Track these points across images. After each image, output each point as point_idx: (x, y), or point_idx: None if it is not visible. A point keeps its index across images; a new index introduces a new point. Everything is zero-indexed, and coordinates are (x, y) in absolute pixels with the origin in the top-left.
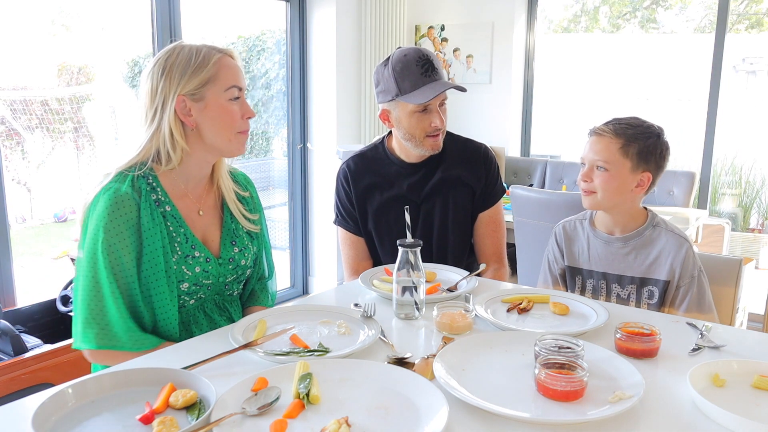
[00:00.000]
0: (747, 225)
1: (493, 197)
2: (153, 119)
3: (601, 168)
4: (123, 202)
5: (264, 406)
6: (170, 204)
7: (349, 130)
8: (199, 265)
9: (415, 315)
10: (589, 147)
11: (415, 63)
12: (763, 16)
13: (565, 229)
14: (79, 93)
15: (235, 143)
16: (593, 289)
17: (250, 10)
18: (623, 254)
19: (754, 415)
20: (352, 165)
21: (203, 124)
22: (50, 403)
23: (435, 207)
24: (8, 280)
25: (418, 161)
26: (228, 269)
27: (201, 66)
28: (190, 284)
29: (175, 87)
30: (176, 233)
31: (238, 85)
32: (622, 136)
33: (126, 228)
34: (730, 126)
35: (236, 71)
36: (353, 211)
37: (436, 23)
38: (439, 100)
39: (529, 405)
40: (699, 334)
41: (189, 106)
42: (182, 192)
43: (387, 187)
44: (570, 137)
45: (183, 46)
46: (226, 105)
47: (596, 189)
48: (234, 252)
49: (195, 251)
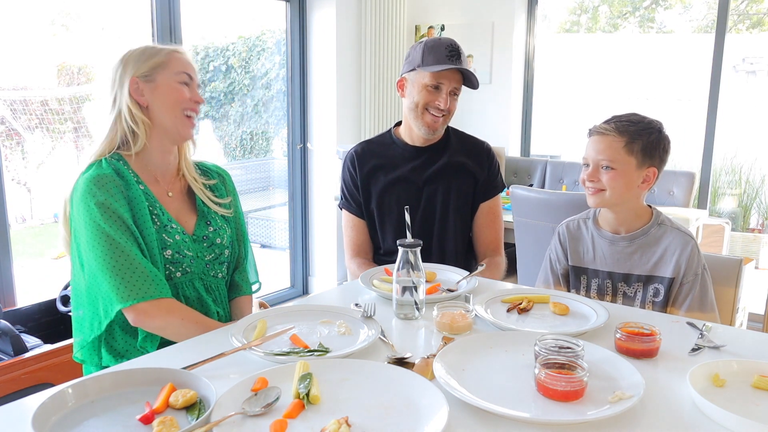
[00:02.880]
0: (747, 225)
1: (495, 188)
2: (113, 104)
3: (607, 167)
4: (105, 177)
5: (264, 406)
6: (143, 184)
7: (349, 130)
8: (178, 234)
9: (415, 315)
10: (591, 147)
11: (445, 47)
12: (763, 16)
13: (569, 228)
14: (79, 93)
15: (181, 124)
16: (598, 288)
17: (250, 10)
18: (629, 253)
19: (754, 415)
20: (359, 149)
21: (153, 103)
22: (50, 403)
23: (438, 191)
24: (8, 280)
25: (423, 145)
26: (203, 246)
27: (154, 54)
28: (173, 251)
29: (129, 71)
30: (152, 206)
31: (188, 72)
32: (625, 134)
33: (115, 192)
34: (730, 126)
35: (187, 63)
36: (357, 194)
37: (436, 23)
38: (452, 83)
39: (529, 405)
40: (699, 334)
41: (141, 87)
42: (152, 177)
43: (391, 169)
44: (570, 137)
45: (144, 44)
46: (174, 85)
47: (605, 187)
48: (209, 231)
49: (171, 224)
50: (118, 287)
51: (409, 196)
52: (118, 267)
